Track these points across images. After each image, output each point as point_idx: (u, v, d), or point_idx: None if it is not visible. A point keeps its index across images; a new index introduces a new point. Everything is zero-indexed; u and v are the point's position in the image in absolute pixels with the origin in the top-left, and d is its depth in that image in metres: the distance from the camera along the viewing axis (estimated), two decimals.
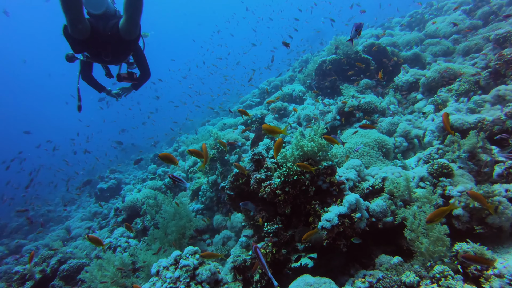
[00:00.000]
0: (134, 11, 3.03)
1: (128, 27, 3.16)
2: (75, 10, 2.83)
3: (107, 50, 3.34)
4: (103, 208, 9.93)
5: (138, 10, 3.04)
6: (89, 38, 3.10)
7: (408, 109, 6.66)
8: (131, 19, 3.09)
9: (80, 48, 3.27)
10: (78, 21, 2.90)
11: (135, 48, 3.60)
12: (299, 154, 2.84)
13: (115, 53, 3.43)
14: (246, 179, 3.23)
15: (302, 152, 2.83)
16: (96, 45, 3.24)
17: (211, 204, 6.09)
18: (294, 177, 2.77)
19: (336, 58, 7.80)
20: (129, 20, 3.10)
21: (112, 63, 3.69)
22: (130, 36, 3.28)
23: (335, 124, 6.00)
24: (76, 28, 2.94)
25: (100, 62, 3.62)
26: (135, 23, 3.16)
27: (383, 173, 3.56)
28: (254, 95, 10.90)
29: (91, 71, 3.82)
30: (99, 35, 3.16)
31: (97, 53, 3.35)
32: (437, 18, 9.22)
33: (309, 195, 2.91)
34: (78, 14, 2.87)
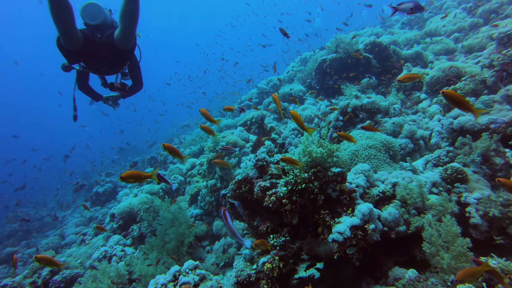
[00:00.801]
0: (130, 21, 3.04)
1: (122, 37, 3.17)
2: (65, 22, 2.82)
3: (102, 60, 3.35)
4: (91, 212, 9.68)
5: (134, 21, 3.05)
6: (82, 48, 3.10)
7: (412, 109, 6.50)
8: (126, 29, 3.10)
9: (74, 58, 3.27)
10: (69, 33, 2.90)
11: (130, 58, 3.60)
12: (307, 160, 2.65)
13: (111, 63, 3.44)
14: (250, 186, 3.03)
15: (311, 158, 2.64)
16: (91, 55, 3.24)
17: (211, 209, 5.89)
18: (302, 186, 2.58)
19: (337, 57, 7.63)
20: (124, 31, 3.12)
21: (108, 73, 3.70)
22: (124, 46, 3.30)
23: (338, 125, 5.82)
24: (68, 39, 2.93)
25: (95, 72, 3.62)
26: (130, 34, 3.17)
27: (393, 178, 3.38)
28: (253, 95, 10.69)
29: (87, 81, 3.82)
30: (94, 45, 3.17)
31: (93, 63, 3.35)
32: (437, 17, 9.09)
33: (318, 204, 2.72)
34: (69, 26, 2.86)
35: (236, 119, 8.36)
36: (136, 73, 3.83)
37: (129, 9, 2.96)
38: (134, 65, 3.77)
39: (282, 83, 10.00)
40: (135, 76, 3.84)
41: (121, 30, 3.14)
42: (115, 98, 4.19)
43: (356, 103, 5.73)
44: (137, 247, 5.88)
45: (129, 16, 3.00)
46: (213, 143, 6.30)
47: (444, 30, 8.29)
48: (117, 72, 3.82)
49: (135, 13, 3.01)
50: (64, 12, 2.75)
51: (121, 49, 3.32)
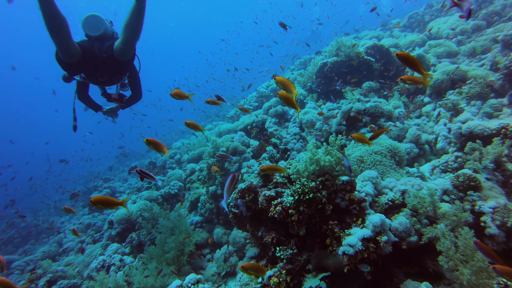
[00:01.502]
0: (132, 33, 3.06)
1: (122, 48, 3.18)
2: (61, 36, 2.83)
3: (102, 71, 3.37)
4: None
5: (136, 33, 3.08)
6: (81, 61, 3.11)
7: (415, 112, 6.40)
8: (127, 41, 3.11)
9: (73, 70, 3.30)
10: (66, 46, 2.91)
11: (129, 69, 3.65)
12: (315, 169, 2.52)
13: (110, 74, 3.46)
14: (254, 196, 2.90)
15: (319, 166, 2.51)
16: (90, 66, 3.27)
17: (211, 216, 5.74)
18: (310, 195, 2.45)
19: (338, 60, 7.53)
20: (124, 42, 3.12)
21: (108, 84, 3.72)
22: (123, 58, 3.30)
23: (341, 129, 5.70)
24: (65, 53, 2.95)
25: (95, 83, 3.63)
26: (130, 45, 3.19)
27: (402, 185, 3.25)
28: (252, 99, 10.58)
29: (87, 91, 3.84)
30: (93, 56, 3.19)
31: (92, 74, 3.38)
32: (439, 20, 9.02)
33: (326, 214, 2.59)
34: (65, 40, 2.87)
35: (236, 124, 8.23)
36: (135, 83, 3.85)
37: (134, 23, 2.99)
38: (134, 75, 3.79)
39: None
40: (135, 86, 3.86)
41: (121, 41, 3.14)
42: (114, 110, 4.17)
43: (359, 107, 5.62)
44: (136, 256, 5.72)
45: (132, 28, 3.03)
46: (213, 149, 6.17)
47: (446, 33, 8.22)
48: (117, 83, 3.83)
49: (138, 27, 3.04)
50: (59, 26, 2.76)
51: (120, 60, 3.32)
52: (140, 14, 2.97)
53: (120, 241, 6.47)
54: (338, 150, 2.59)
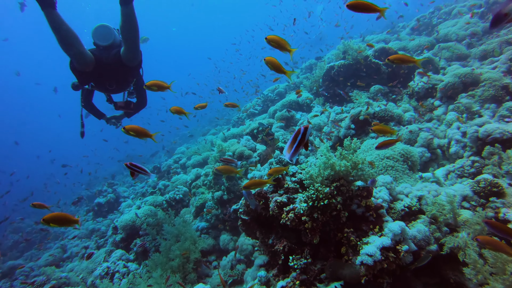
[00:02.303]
0: (133, 37, 3.16)
1: (129, 54, 3.29)
2: (75, 48, 2.95)
3: (112, 79, 3.50)
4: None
5: (135, 36, 3.17)
6: (94, 69, 3.25)
7: (425, 116, 6.25)
8: (130, 46, 3.22)
9: (86, 79, 3.42)
10: (81, 55, 3.04)
11: (136, 75, 3.75)
12: (330, 174, 2.40)
13: (119, 81, 3.59)
14: (264, 202, 2.77)
15: (334, 171, 2.38)
16: (101, 75, 3.38)
17: (217, 222, 5.61)
18: (325, 201, 2.32)
19: (345, 63, 7.42)
20: (130, 47, 3.23)
21: (116, 92, 3.82)
22: (133, 62, 3.42)
23: (350, 133, 5.57)
24: (81, 62, 3.08)
25: (104, 91, 3.75)
26: (135, 49, 3.28)
27: (418, 191, 3.11)
28: (257, 103, 10.48)
29: (91, 98, 3.92)
30: (103, 65, 3.30)
31: (102, 83, 3.50)
32: (447, 22, 8.90)
33: (341, 221, 2.45)
34: (79, 50, 3.00)
35: (241, 128, 8.13)
36: (141, 90, 3.93)
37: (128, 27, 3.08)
38: (139, 83, 3.87)
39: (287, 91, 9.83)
40: (140, 93, 3.95)
41: (126, 48, 3.25)
42: (118, 117, 4.22)
43: (368, 110, 5.49)
44: (141, 263, 5.60)
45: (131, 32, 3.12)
46: (219, 153, 6.06)
47: (456, 35, 8.08)
48: (124, 91, 3.93)
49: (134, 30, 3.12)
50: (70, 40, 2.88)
51: (129, 66, 3.43)
52: (130, 17, 3.03)
53: (124, 247, 6.35)
54: (355, 154, 2.46)
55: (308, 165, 2.91)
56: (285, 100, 7.93)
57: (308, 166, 2.86)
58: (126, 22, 3.04)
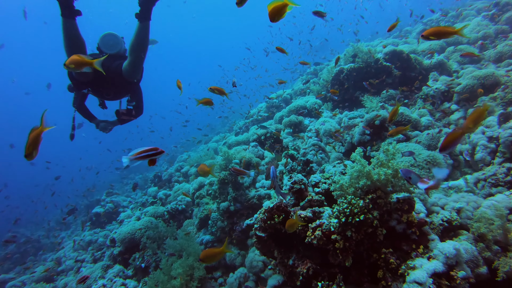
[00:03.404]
0: (140, 53, 3.14)
1: (130, 70, 3.26)
2: None
3: (109, 89, 3.50)
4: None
5: (142, 54, 3.16)
6: (92, 79, 3.22)
7: (442, 121, 5.93)
8: (136, 61, 3.19)
9: (83, 87, 3.40)
10: None
11: (136, 88, 3.75)
12: (365, 184, 2.04)
13: (116, 91, 3.60)
14: (284, 216, 2.40)
15: (370, 181, 2.02)
16: (99, 83, 3.36)
17: (223, 235, 5.22)
18: (361, 217, 1.96)
19: (355, 67, 7.13)
20: (132, 64, 3.20)
21: (112, 100, 3.83)
22: (132, 78, 3.39)
23: (365, 139, 5.23)
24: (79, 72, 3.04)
25: (100, 98, 3.74)
26: (138, 67, 3.26)
27: (454, 202, 2.75)
28: (262, 109, 10.16)
29: (84, 100, 3.84)
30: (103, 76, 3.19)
31: (99, 90, 3.49)
32: (457, 25, 8.64)
33: (377, 240, 2.08)
34: None
35: (246, 135, 7.78)
36: (138, 99, 3.88)
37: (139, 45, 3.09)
38: (138, 92, 3.85)
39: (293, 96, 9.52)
40: (137, 102, 3.89)
41: (129, 63, 3.22)
42: (111, 123, 4.08)
43: (384, 114, 5.16)
44: (140, 279, 5.19)
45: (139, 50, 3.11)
46: (225, 161, 5.70)
47: (467, 38, 7.81)
48: (121, 98, 3.92)
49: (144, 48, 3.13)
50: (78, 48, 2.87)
51: (128, 80, 3.40)
52: (144, 34, 3.06)
53: (122, 262, 5.94)
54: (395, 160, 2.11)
55: (332, 174, 2.54)
56: (292, 106, 7.61)
57: (333, 174, 2.50)
58: (139, 38, 3.06)
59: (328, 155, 5.66)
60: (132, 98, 3.92)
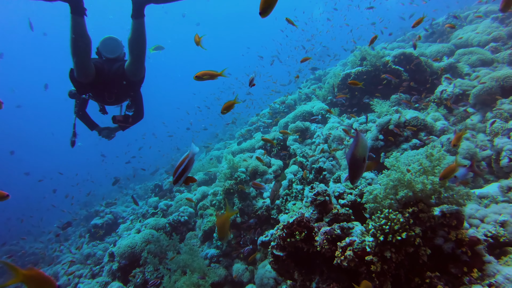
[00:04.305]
0: (140, 51, 3.18)
1: (133, 68, 3.30)
2: (83, 56, 2.95)
3: (112, 91, 3.47)
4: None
5: (142, 50, 3.19)
6: (94, 81, 3.20)
7: (458, 125, 5.64)
8: (137, 59, 3.23)
9: (84, 89, 3.38)
10: (84, 66, 3.03)
11: (137, 91, 3.72)
12: (406, 195, 1.73)
13: (118, 94, 3.56)
14: (307, 233, 2.09)
15: (412, 192, 1.72)
16: (101, 86, 3.35)
17: (229, 249, 4.88)
18: (403, 235, 1.65)
19: (363, 71, 6.87)
20: (135, 61, 3.23)
21: (113, 104, 3.77)
22: (136, 77, 3.42)
23: (378, 145, 4.93)
24: (81, 72, 3.06)
25: (102, 103, 3.68)
26: (140, 64, 3.29)
27: (496, 214, 2.43)
28: (265, 116, 9.89)
29: (85, 108, 3.81)
30: (104, 77, 3.26)
31: (101, 94, 3.45)
32: (466, 27, 8.44)
33: (420, 261, 1.77)
34: (85, 60, 2.99)
35: (250, 142, 7.48)
36: (138, 103, 3.84)
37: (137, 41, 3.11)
38: (138, 96, 3.80)
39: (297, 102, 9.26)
40: (138, 106, 3.85)
41: (131, 62, 3.25)
42: (113, 130, 4.06)
43: (398, 119, 4.88)
44: None
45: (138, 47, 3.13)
46: (230, 169, 5.39)
47: (478, 41, 7.59)
48: (122, 103, 3.87)
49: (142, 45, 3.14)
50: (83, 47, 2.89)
51: (132, 80, 3.41)
52: (140, 31, 3.08)
53: (121, 277, 5.59)
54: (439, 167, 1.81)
55: (358, 182, 2.24)
56: (298, 111, 7.33)
57: (359, 183, 2.19)
58: (135, 35, 3.08)
59: (339, 162, 5.37)
60: (132, 103, 3.87)
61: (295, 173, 4.77)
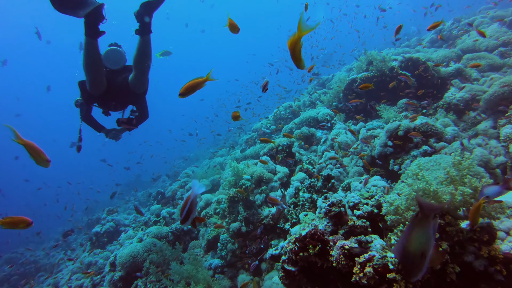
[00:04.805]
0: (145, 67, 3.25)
1: (136, 83, 3.39)
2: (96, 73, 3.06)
3: (117, 101, 3.62)
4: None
5: (148, 66, 3.27)
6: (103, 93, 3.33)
7: (468, 131, 5.50)
8: (142, 74, 3.32)
9: (93, 101, 3.55)
10: (98, 82, 3.14)
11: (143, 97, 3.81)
12: None
13: (123, 103, 3.74)
14: (321, 247, 1.94)
15: (438, 203, 1.57)
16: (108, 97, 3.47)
17: (234, 259, 4.72)
18: None
19: (369, 76, 6.76)
20: (139, 76, 3.32)
21: (118, 110, 3.93)
22: (139, 90, 3.52)
23: (387, 151, 4.79)
24: (94, 87, 3.19)
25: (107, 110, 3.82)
26: (144, 79, 3.39)
27: None
28: (269, 121, 9.76)
29: (91, 111, 3.87)
30: (111, 88, 3.37)
31: (107, 104, 3.61)
32: (473, 32, 8.33)
33: (448, 279, 1.61)
34: (99, 77, 3.10)
35: (253, 148, 7.34)
36: (143, 107, 3.92)
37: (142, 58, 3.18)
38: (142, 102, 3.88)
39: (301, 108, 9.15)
40: (142, 109, 3.92)
41: (135, 76, 3.33)
42: (119, 131, 4.15)
43: (408, 124, 4.74)
44: None
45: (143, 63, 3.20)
46: (234, 176, 5.25)
47: (485, 45, 7.46)
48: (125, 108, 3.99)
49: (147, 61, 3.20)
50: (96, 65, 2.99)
51: (136, 92, 3.52)
52: (146, 48, 3.13)
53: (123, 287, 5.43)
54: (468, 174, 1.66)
55: (373, 192, 2.10)
56: (303, 117, 7.20)
57: (375, 193, 2.05)
58: (141, 52, 3.14)
59: (346, 169, 5.22)
60: (137, 108, 3.93)
61: (302, 180, 4.62)
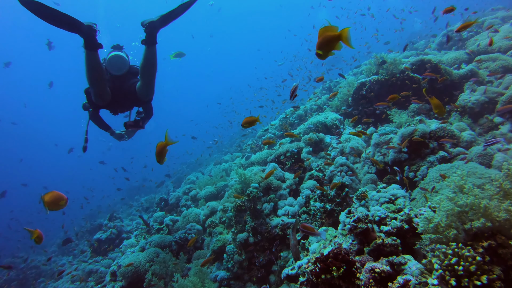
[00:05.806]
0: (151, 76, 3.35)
1: (144, 90, 3.49)
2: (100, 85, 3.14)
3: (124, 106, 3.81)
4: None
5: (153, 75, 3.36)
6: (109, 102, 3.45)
7: (485, 136, 5.26)
8: (148, 84, 3.42)
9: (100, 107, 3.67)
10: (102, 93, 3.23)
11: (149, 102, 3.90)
12: (484, 225, 1.36)
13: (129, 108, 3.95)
14: (346, 269, 1.71)
15: (489, 221, 1.34)
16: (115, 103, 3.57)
17: (241, 272, 4.48)
18: (483, 279, 1.26)
19: (379, 79, 6.54)
20: (146, 85, 3.42)
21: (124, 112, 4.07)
22: (145, 98, 3.64)
23: (401, 158, 4.56)
24: (100, 98, 3.29)
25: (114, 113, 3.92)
26: (150, 88, 3.49)
27: None
28: (275, 126, 9.55)
29: (98, 113, 3.93)
30: (117, 95, 3.47)
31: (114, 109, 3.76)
32: (484, 33, 8.11)
33: None
34: (102, 88, 3.19)
35: (260, 154, 7.11)
36: (148, 109, 3.99)
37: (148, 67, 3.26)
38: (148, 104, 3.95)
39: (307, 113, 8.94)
40: (147, 111, 4.00)
41: (142, 85, 3.43)
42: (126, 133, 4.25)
43: (424, 129, 4.51)
44: None
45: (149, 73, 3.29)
46: (241, 184, 5.03)
47: (498, 46, 7.24)
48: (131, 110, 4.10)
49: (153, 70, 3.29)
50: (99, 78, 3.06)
51: (143, 100, 3.65)
52: (152, 58, 3.21)
53: None
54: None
55: (400, 205, 1.87)
56: (311, 122, 6.98)
57: (403, 206, 1.82)
58: (147, 61, 3.21)
59: (358, 176, 4.99)
60: (143, 109, 4.00)
61: (313, 188, 4.39)
